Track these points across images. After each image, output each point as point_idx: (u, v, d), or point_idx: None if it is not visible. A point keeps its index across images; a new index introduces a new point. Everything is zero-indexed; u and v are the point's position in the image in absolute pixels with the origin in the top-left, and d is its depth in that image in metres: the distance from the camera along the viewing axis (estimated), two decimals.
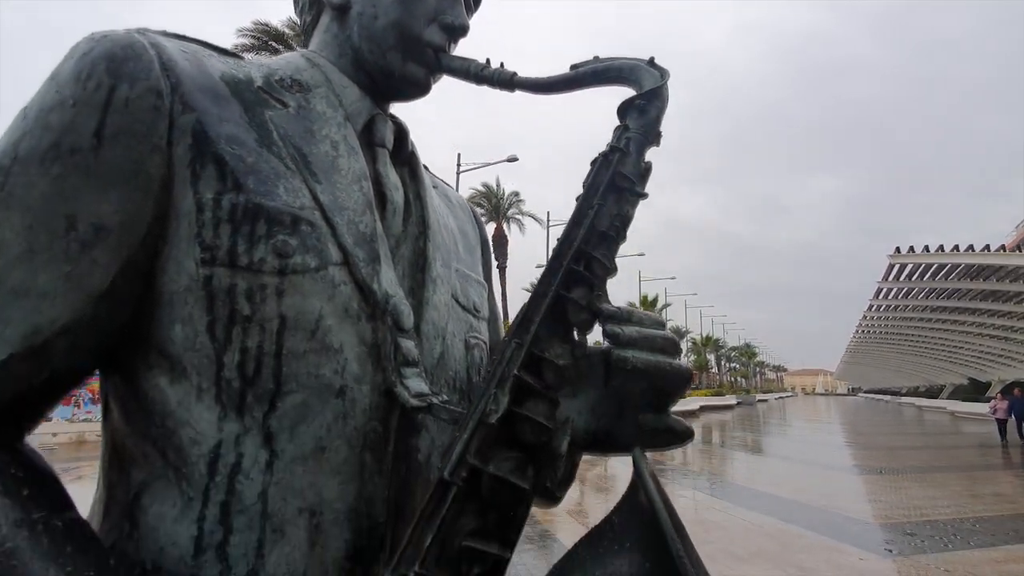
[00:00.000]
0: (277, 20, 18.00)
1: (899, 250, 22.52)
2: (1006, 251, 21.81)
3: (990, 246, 21.16)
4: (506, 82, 0.68)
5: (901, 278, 25.08)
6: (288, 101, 0.64)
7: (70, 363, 0.52)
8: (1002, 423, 18.78)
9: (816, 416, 39.83)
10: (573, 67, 0.66)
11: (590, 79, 0.65)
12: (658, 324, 0.58)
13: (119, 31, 0.56)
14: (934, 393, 59.41)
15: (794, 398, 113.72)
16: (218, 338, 0.54)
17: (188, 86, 0.57)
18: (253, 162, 0.57)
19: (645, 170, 0.60)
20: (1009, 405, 18.63)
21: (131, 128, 0.53)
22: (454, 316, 0.71)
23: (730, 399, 53.78)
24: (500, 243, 30.77)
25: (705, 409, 39.54)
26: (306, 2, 0.76)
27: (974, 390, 43.44)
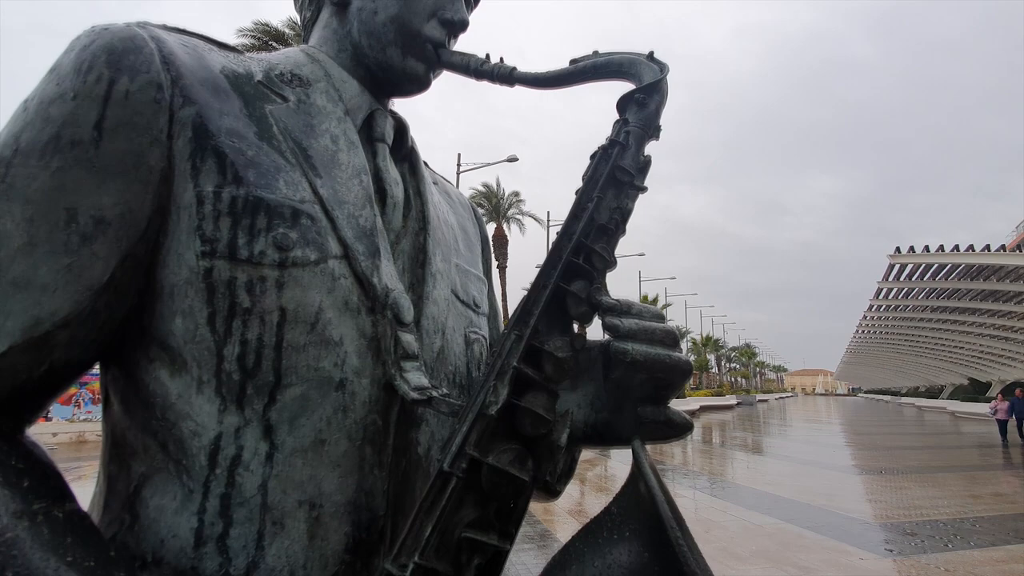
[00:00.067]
0: (277, 20, 18.03)
1: (899, 250, 22.52)
2: (1006, 251, 21.78)
3: (990, 246, 21.14)
4: (506, 77, 0.68)
5: (901, 278, 25.08)
6: (288, 95, 0.65)
7: (70, 355, 0.53)
8: (1003, 424, 18.78)
9: (816, 416, 39.81)
10: (573, 62, 0.66)
11: (590, 74, 0.65)
12: (657, 317, 0.58)
13: (119, 24, 0.56)
14: (934, 393, 59.42)
15: (794, 399, 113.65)
16: (218, 330, 0.54)
17: (188, 79, 0.57)
18: (253, 155, 0.58)
19: (644, 164, 0.60)
20: (1010, 405, 18.62)
21: (131, 121, 0.53)
22: (454, 311, 0.72)
23: (730, 399, 53.80)
24: (500, 243, 30.75)
25: (705, 409, 39.53)
26: None
27: (974, 390, 43.44)
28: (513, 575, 4.11)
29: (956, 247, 21.48)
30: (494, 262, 1.04)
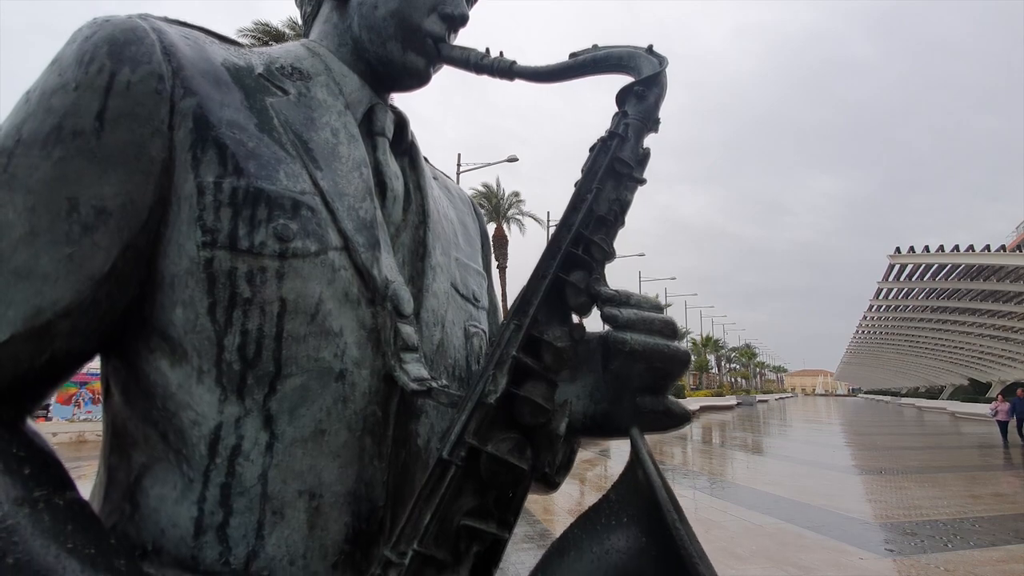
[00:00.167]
0: (277, 20, 18.06)
1: (899, 250, 22.50)
2: (1006, 251, 21.77)
3: (990, 246, 21.12)
4: (505, 71, 0.69)
5: (901, 278, 25.06)
6: (288, 88, 0.65)
7: (72, 345, 0.53)
8: (1003, 425, 18.76)
9: (816, 417, 39.80)
10: (572, 55, 0.66)
11: (589, 67, 0.65)
12: (656, 307, 0.59)
13: (121, 16, 0.57)
14: (934, 394, 59.39)
15: (794, 399, 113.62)
16: (219, 321, 0.54)
17: (190, 71, 0.57)
18: (254, 147, 0.58)
19: (643, 156, 0.60)
20: (1011, 406, 18.61)
21: (132, 111, 0.53)
22: (453, 304, 0.72)
23: (730, 400, 53.81)
24: (500, 243, 30.74)
25: (705, 410, 39.52)
26: None
27: (974, 391, 43.42)
28: (513, 574, 4.11)
29: (956, 247, 21.46)
30: (494, 262, 1.04)
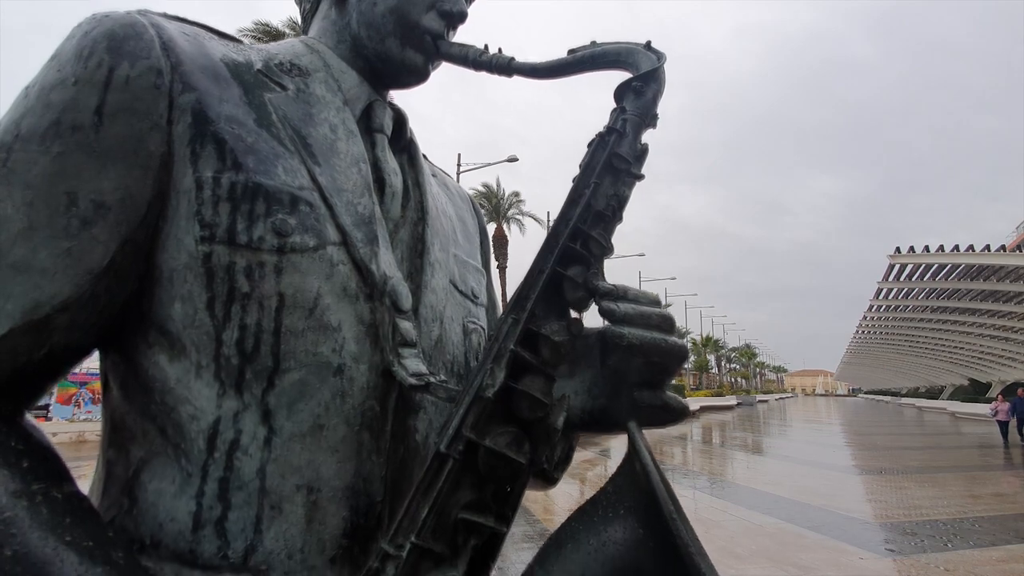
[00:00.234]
0: (277, 20, 18.07)
1: (899, 250, 22.50)
2: (1006, 251, 21.77)
3: (990, 246, 21.12)
4: (504, 67, 0.69)
5: (901, 278, 25.06)
6: (287, 84, 0.65)
7: (70, 339, 0.53)
8: (1003, 425, 18.75)
9: (816, 417, 39.79)
10: (571, 52, 0.66)
11: (587, 63, 0.65)
12: (653, 302, 0.59)
13: (120, 11, 0.57)
14: (934, 394, 59.40)
15: (794, 399, 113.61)
16: (217, 315, 0.54)
17: (188, 66, 0.57)
18: (252, 142, 0.58)
19: (641, 151, 0.60)
20: (1011, 406, 18.60)
21: (131, 106, 0.53)
22: (452, 301, 0.72)
23: (730, 400, 53.81)
24: (500, 243, 30.72)
25: (705, 410, 39.52)
26: None
27: (974, 391, 43.42)
28: (513, 574, 4.11)
29: (956, 247, 21.46)
30: (494, 262, 1.04)
